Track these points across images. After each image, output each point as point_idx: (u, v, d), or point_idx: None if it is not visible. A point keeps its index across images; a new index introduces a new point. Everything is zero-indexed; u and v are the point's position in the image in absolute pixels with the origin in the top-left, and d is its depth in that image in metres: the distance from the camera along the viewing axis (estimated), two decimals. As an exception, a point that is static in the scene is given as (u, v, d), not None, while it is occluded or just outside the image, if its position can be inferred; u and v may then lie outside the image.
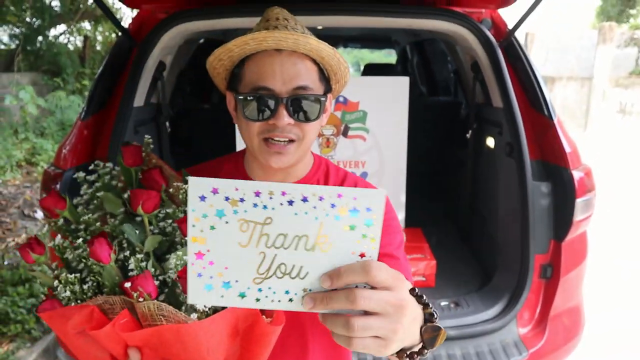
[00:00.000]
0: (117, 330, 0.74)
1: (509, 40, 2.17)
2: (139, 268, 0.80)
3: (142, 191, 0.86)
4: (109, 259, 0.78)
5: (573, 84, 12.50)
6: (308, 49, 1.01)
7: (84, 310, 0.76)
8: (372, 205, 0.61)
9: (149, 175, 0.92)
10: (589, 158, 2.14)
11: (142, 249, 0.85)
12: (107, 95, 2.16)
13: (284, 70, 1.01)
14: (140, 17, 2.32)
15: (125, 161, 0.94)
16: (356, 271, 0.62)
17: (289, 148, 1.05)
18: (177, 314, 0.75)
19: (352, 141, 2.67)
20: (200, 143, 3.15)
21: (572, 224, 1.94)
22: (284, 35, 0.98)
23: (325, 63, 1.07)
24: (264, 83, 1.01)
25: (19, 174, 6.23)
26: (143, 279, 0.75)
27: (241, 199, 0.60)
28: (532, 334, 2.03)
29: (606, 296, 3.55)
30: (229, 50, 1.03)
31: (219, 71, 1.11)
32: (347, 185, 1.17)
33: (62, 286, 0.78)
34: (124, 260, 0.83)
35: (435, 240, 2.73)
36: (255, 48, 1.02)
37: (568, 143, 2.01)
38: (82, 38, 10.54)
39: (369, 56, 12.00)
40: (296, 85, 1.01)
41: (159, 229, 0.88)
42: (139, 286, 0.74)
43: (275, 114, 1.01)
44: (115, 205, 0.90)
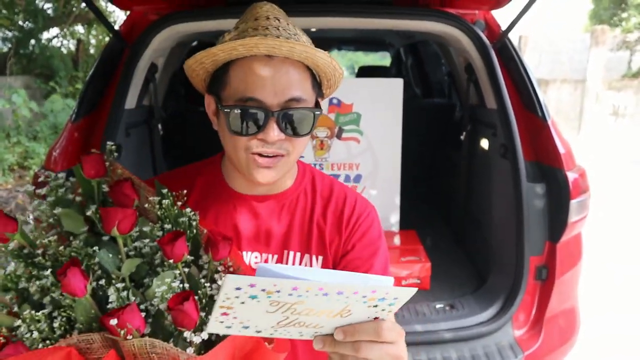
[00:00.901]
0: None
1: (503, 41, 2.17)
2: (121, 299, 0.69)
3: (116, 210, 0.75)
4: (84, 292, 0.67)
5: (566, 87, 12.57)
6: (304, 57, 0.92)
7: (58, 353, 0.65)
8: (399, 298, 0.65)
9: (119, 189, 0.80)
10: (583, 161, 2.14)
11: (119, 276, 0.74)
12: (98, 97, 2.14)
13: (275, 80, 0.91)
14: (132, 18, 2.31)
15: (87, 172, 0.81)
16: (369, 332, 0.68)
17: (277, 162, 0.97)
18: (172, 349, 0.67)
19: (346, 143, 2.66)
20: (193, 145, 3.12)
21: (567, 225, 1.94)
22: (278, 43, 0.88)
23: (320, 70, 0.98)
24: (252, 94, 0.91)
25: (11, 178, 6.19)
26: (129, 313, 0.65)
27: (278, 290, 0.60)
28: (528, 336, 2.02)
29: (599, 300, 3.54)
30: (213, 54, 0.92)
31: (198, 72, 1.00)
32: (335, 198, 1.10)
33: (25, 326, 0.67)
34: (96, 289, 0.72)
35: (429, 242, 2.72)
36: (243, 54, 0.91)
37: (562, 144, 2.01)
38: (75, 41, 10.50)
39: (363, 59, 12.02)
40: (289, 97, 0.92)
41: (135, 250, 0.77)
42: (127, 322, 0.64)
43: (265, 129, 0.91)
44: (76, 224, 0.78)
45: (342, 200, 1.10)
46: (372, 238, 1.09)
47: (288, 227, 1.08)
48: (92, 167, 0.82)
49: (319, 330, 0.70)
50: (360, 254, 1.08)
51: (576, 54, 12.79)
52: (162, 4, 2.17)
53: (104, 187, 0.83)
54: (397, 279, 2.33)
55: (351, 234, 1.08)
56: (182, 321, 0.68)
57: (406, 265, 2.36)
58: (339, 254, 1.08)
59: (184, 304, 0.67)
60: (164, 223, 0.79)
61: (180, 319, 0.68)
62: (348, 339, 0.69)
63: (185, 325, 0.68)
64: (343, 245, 1.08)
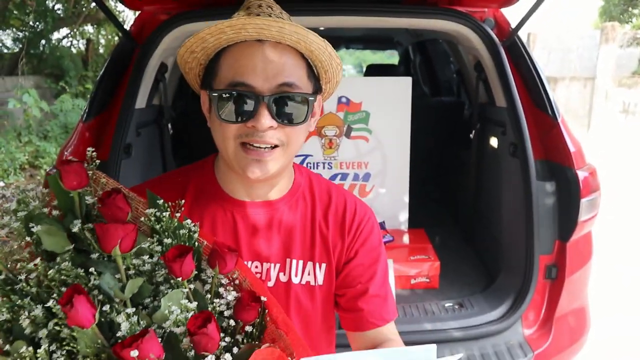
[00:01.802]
0: None
1: (512, 39, 2.16)
2: (132, 326, 0.62)
3: (116, 226, 0.67)
4: (92, 321, 0.60)
5: (576, 84, 12.47)
6: (295, 39, 0.86)
7: None
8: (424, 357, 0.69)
9: (112, 201, 0.71)
10: (593, 158, 2.13)
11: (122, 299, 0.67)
12: (108, 97, 2.16)
13: (266, 64, 0.86)
14: (142, 18, 2.32)
15: (67, 184, 0.71)
16: None
17: (271, 155, 0.90)
18: None
19: (355, 142, 2.66)
20: (203, 144, 3.13)
21: (577, 224, 1.93)
22: (267, 22, 0.83)
23: (314, 58, 0.92)
24: (242, 78, 0.86)
25: (22, 177, 6.24)
26: (149, 341, 0.58)
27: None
28: (538, 335, 2.01)
29: (607, 302, 3.52)
30: (202, 40, 0.87)
31: (191, 66, 0.95)
32: (334, 202, 1.08)
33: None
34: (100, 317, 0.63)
35: (438, 240, 2.72)
36: (232, 38, 0.86)
37: (572, 142, 1.99)
38: (85, 41, 10.58)
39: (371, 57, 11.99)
40: (280, 82, 0.87)
41: (133, 267, 0.70)
42: (149, 352, 0.57)
43: (255, 115, 0.86)
44: (59, 242, 0.69)
45: (342, 205, 1.07)
46: (374, 244, 1.08)
47: (289, 234, 1.03)
48: (74, 177, 0.72)
49: None
50: (363, 261, 1.06)
51: (586, 51, 12.67)
52: (172, 4, 2.18)
53: (88, 199, 0.75)
54: (406, 278, 2.33)
55: (354, 240, 1.06)
56: (206, 345, 0.63)
57: (415, 264, 2.36)
58: (342, 260, 1.06)
59: (207, 327, 0.62)
60: (162, 237, 0.73)
61: (203, 344, 0.62)
62: None
63: (208, 349, 0.63)
64: (346, 251, 1.06)
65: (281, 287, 1.02)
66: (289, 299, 1.02)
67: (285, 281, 1.02)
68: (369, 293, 1.04)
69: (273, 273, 1.02)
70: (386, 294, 1.07)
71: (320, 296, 1.05)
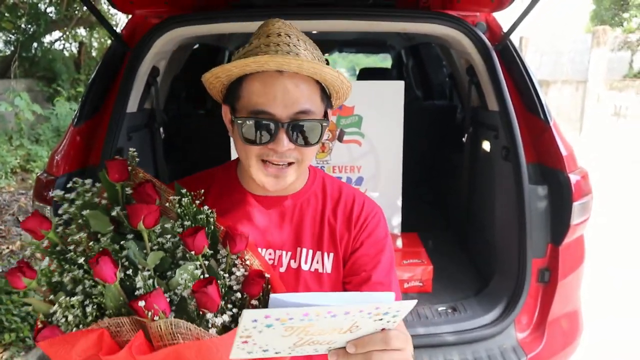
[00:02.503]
0: (135, 353, 0.70)
1: (504, 43, 2.17)
2: (147, 286, 0.76)
3: (141, 206, 0.82)
4: (114, 278, 0.74)
5: (568, 88, 12.56)
6: (312, 72, 0.98)
7: (91, 335, 0.71)
8: (401, 310, 0.71)
9: (142, 189, 0.88)
10: (584, 161, 2.14)
11: (145, 267, 0.81)
12: (100, 101, 2.15)
13: (285, 94, 0.97)
14: (134, 22, 2.31)
15: (111, 177, 0.89)
16: (377, 342, 0.75)
17: (288, 171, 1.03)
18: (195, 330, 0.72)
19: (348, 146, 2.66)
20: (195, 149, 3.13)
21: (570, 228, 1.93)
22: (287, 60, 0.94)
23: (328, 84, 1.04)
24: (263, 107, 0.97)
25: (14, 181, 6.20)
26: (156, 297, 0.71)
27: (290, 317, 0.67)
28: (531, 338, 2.02)
29: (600, 305, 3.53)
30: (227, 70, 1.00)
31: (214, 85, 1.07)
32: (344, 199, 1.17)
33: (61, 311, 0.74)
34: (125, 280, 0.79)
35: (431, 244, 2.72)
36: (255, 70, 0.98)
37: (564, 146, 2.00)
38: (77, 44, 10.53)
39: (365, 61, 12.04)
40: (298, 110, 0.98)
41: (158, 245, 0.85)
42: (154, 304, 0.70)
43: (275, 139, 0.98)
44: (103, 224, 0.85)
45: (351, 201, 1.17)
46: (379, 237, 1.16)
47: (300, 225, 1.14)
48: (116, 171, 0.89)
49: (332, 345, 0.78)
50: (368, 252, 1.14)
51: (577, 54, 12.77)
52: (164, 7, 2.17)
53: (128, 190, 0.90)
54: (400, 282, 2.33)
55: (359, 232, 1.15)
56: (206, 303, 0.74)
57: (408, 268, 2.36)
58: (349, 250, 1.15)
59: (207, 287, 0.73)
60: (184, 220, 0.87)
61: (204, 301, 0.74)
62: (359, 351, 0.76)
63: (208, 307, 0.74)
64: (352, 242, 1.15)
65: (291, 273, 1.12)
66: (298, 284, 1.12)
67: (296, 268, 1.12)
68: (372, 280, 1.12)
69: (285, 260, 1.12)
70: (390, 283, 1.14)
71: (328, 283, 1.13)
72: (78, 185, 0.90)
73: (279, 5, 2.14)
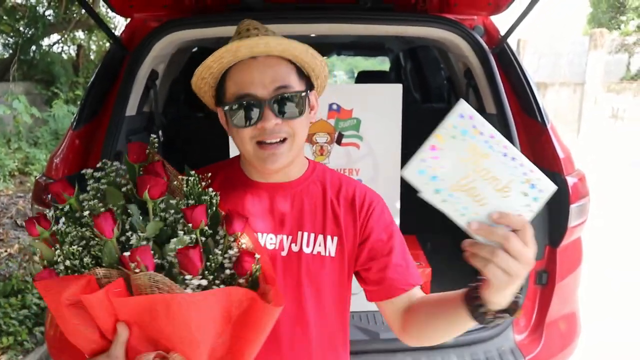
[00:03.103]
0: (110, 295, 0.76)
1: (502, 46, 2.18)
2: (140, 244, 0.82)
3: (149, 177, 0.89)
4: (111, 234, 0.82)
5: (565, 90, 12.60)
6: (280, 49, 1.05)
7: (81, 280, 0.78)
8: (544, 190, 0.82)
9: (152, 167, 0.95)
10: (582, 163, 2.14)
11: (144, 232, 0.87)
12: (99, 104, 2.15)
13: (262, 75, 1.04)
14: (133, 25, 2.32)
15: (130, 157, 0.98)
16: (516, 222, 0.80)
17: (283, 147, 1.08)
18: (172, 285, 0.77)
19: (346, 149, 2.66)
20: (194, 151, 3.13)
21: (567, 230, 1.94)
22: (255, 41, 1.02)
23: (300, 61, 1.09)
24: (245, 90, 1.04)
25: (12, 184, 6.19)
26: (142, 251, 0.78)
27: (481, 132, 0.78)
28: (529, 340, 2.02)
29: (597, 307, 3.54)
30: (208, 67, 1.06)
31: (204, 90, 1.14)
32: (345, 187, 1.21)
33: (62, 258, 0.81)
34: (125, 242, 0.86)
35: (430, 247, 2.72)
36: (231, 60, 1.05)
37: (561, 149, 2.01)
38: (75, 47, 10.52)
39: (363, 63, 12.05)
40: (277, 86, 1.04)
41: (161, 217, 0.91)
42: (138, 256, 0.76)
43: (262, 117, 1.04)
44: (116, 198, 0.93)
45: (352, 189, 1.21)
46: (387, 222, 1.21)
47: (300, 210, 1.17)
48: (135, 153, 0.98)
49: (479, 212, 0.84)
50: (380, 237, 1.18)
51: (575, 57, 12.82)
52: (163, 11, 2.18)
53: None
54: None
55: (366, 220, 1.18)
56: (186, 265, 0.79)
57: (407, 270, 2.36)
58: (357, 239, 1.17)
59: (189, 250, 0.79)
60: (189, 199, 0.93)
61: (185, 263, 0.79)
62: (500, 221, 0.81)
63: (188, 269, 0.79)
64: (360, 230, 1.17)
65: (293, 256, 1.15)
66: (300, 267, 1.14)
67: (297, 251, 1.15)
68: (392, 263, 1.17)
69: (286, 244, 1.15)
70: (408, 263, 1.20)
71: (331, 266, 1.16)
72: (107, 166, 0.98)
73: (277, 9, 2.15)
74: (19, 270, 3.72)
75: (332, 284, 1.17)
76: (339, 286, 1.18)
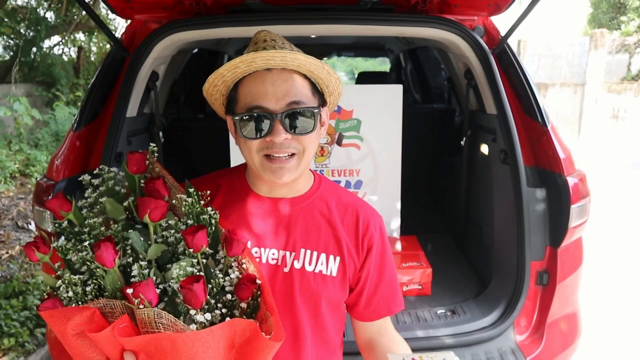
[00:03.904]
0: (116, 334, 0.75)
1: (502, 47, 2.18)
2: (142, 275, 0.82)
3: (150, 200, 0.87)
4: (113, 264, 0.81)
5: (566, 90, 12.59)
6: (296, 64, 1.04)
7: (85, 312, 0.77)
8: None
9: (152, 185, 0.94)
10: (583, 163, 2.14)
11: (146, 257, 0.87)
12: (99, 106, 2.15)
13: (275, 88, 1.03)
14: (133, 27, 2.32)
15: (130, 168, 0.96)
16: None
17: (291, 162, 1.07)
18: (176, 322, 0.77)
19: (347, 149, 2.67)
20: (194, 152, 3.14)
21: (568, 230, 1.94)
22: (271, 54, 1.01)
23: (315, 77, 1.09)
24: (258, 102, 1.03)
25: (13, 186, 6.19)
26: (145, 286, 0.77)
27: None
28: (530, 341, 2.02)
29: (598, 307, 3.53)
30: (221, 75, 1.05)
31: (215, 97, 1.13)
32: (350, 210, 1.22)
33: (64, 286, 0.81)
34: (126, 266, 0.85)
35: (430, 247, 2.72)
36: (245, 70, 1.04)
37: (562, 149, 2.01)
38: (76, 49, 10.53)
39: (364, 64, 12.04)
40: (289, 101, 1.03)
41: (162, 238, 0.90)
42: (141, 293, 0.76)
43: (272, 131, 1.03)
44: (117, 212, 0.92)
45: (355, 214, 1.21)
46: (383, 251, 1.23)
47: (304, 227, 1.17)
48: (135, 164, 0.97)
49: None
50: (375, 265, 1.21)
51: (575, 57, 12.81)
52: (163, 13, 2.18)
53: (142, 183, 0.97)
54: (399, 285, 2.33)
55: (365, 251, 1.20)
56: (190, 300, 0.78)
57: (407, 271, 2.36)
58: (358, 266, 1.20)
59: (193, 285, 0.78)
60: (188, 218, 0.92)
61: (189, 297, 0.78)
62: None
63: (192, 303, 0.78)
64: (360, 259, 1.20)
65: (295, 273, 1.14)
66: (302, 284, 1.14)
67: (299, 268, 1.15)
68: (380, 288, 1.22)
69: (288, 260, 1.15)
70: (395, 289, 1.25)
71: (332, 286, 1.17)
72: (104, 173, 0.97)
73: (277, 10, 2.15)
74: (20, 272, 3.72)
75: (330, 301, 1.18)
76: (337, 303, 1.20)
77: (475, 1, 2.11)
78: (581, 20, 22.89)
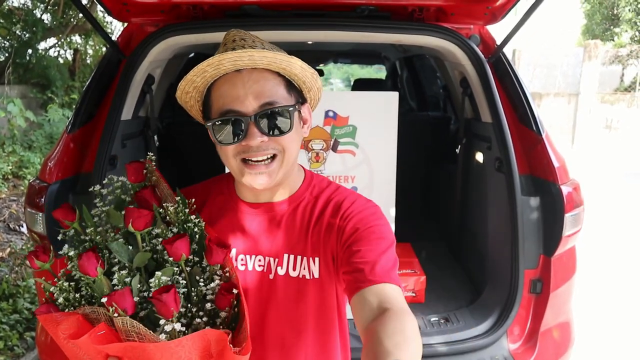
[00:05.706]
0: (91, 341, 0.77)
1: (497, 56, 2.19)
2: (123, 283, 0.83)
3: (134, 209, 0.89)
4: (95, 273, 0.83)
5: (560, 100, 12.68)
6: (266, 62, 0.98)
7: (70, 318, 0.80)
8: None
9: (141, 195, 0.96)
10: (576, 173, 2.15)
11: (131, 266, 0.88)
12: (94, 108, 2.14)
13: (247, 90, 0.98)
14: (130, 30, 2.31)
15: (129, 178, 0.99)
16: None
17: (272, 166, 1.02)
18: (147, 332, 0.77)
19: (342, 156, 2.66)
20: (189, 157, 3.12)
21: (562, 239, 1.94)
22: (238, 54, 0.95)
23: (289, 74, 1.03)
24: (230, 106, 0.99)
25: (6, 188, 6.15)
26: (120, 296, 0.78)
27: None
28: (523, 349, 2.02)
29: (592, 316, 3.54)
30: (191, 81, 1.01)
31: (190, 104, 1.09)
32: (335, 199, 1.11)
33: (58, 292, 0.84)
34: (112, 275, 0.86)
35: (424, 255, 2.72)
36: (214, 74, 1.00)
37: (556, 158, 2.02)
38: (72, 51, 10.50)
39: (360, 72, 12.10)
40: (263, 102, 0.99)
41: (151, 246, 0.92)
42: (114, 302, 0.77)
43: (247, 134, 0.99)
44: (119, 220, 0.94)
45: (342, 198, 1.12)
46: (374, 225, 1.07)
47: (290, 232, 1.12)
48: (133, 173, 0.99)
49: None
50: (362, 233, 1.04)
51: (569, 68, 12.92)
52: (160, 16, 2.18)
53: None
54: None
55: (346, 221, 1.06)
56: (160, 310, 0.78)
57: (401, 278, 2.35)
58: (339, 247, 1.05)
59: (162, 295, 0.78)
60: (174, 227, 0.94)
61: (159, 307, 0.78)
62: None
63: (163, 313, 0.78)
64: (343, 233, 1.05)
65: (279, 279, 1.10)
66: (286, 290, 1.10)
67: (283, 274, 1.10)
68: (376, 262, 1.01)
69: (273, 267, 1.11)
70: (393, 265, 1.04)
71: (314, 288, 1.10)
72: (113, 182, 0.99)
73: (274, 15, 2.15)
74: (10, 275, 3.68)
75: (318, 303, 1.11)
76: (325, 306, 1.12)
77: (472, 10, 2.12)
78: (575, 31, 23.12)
